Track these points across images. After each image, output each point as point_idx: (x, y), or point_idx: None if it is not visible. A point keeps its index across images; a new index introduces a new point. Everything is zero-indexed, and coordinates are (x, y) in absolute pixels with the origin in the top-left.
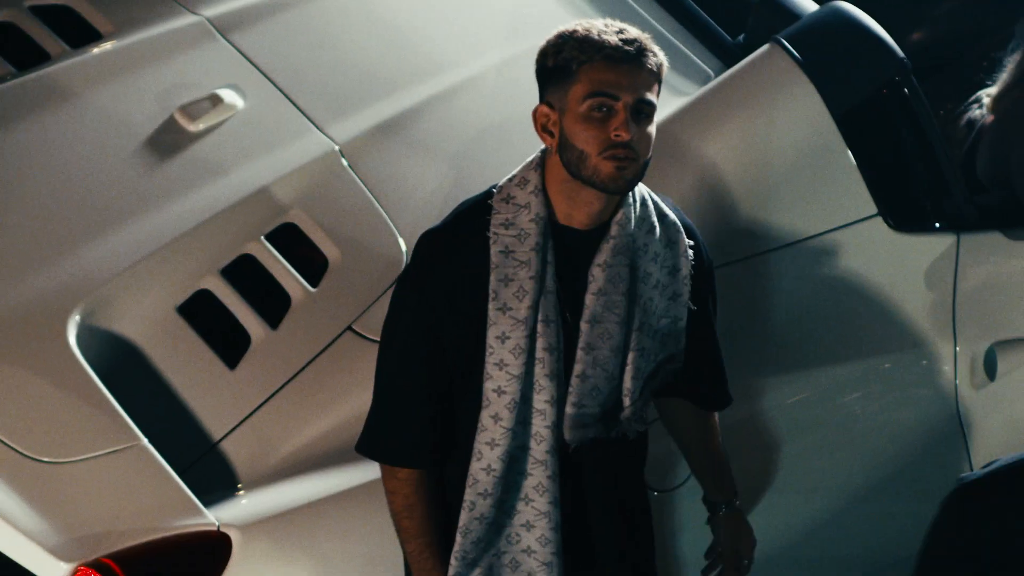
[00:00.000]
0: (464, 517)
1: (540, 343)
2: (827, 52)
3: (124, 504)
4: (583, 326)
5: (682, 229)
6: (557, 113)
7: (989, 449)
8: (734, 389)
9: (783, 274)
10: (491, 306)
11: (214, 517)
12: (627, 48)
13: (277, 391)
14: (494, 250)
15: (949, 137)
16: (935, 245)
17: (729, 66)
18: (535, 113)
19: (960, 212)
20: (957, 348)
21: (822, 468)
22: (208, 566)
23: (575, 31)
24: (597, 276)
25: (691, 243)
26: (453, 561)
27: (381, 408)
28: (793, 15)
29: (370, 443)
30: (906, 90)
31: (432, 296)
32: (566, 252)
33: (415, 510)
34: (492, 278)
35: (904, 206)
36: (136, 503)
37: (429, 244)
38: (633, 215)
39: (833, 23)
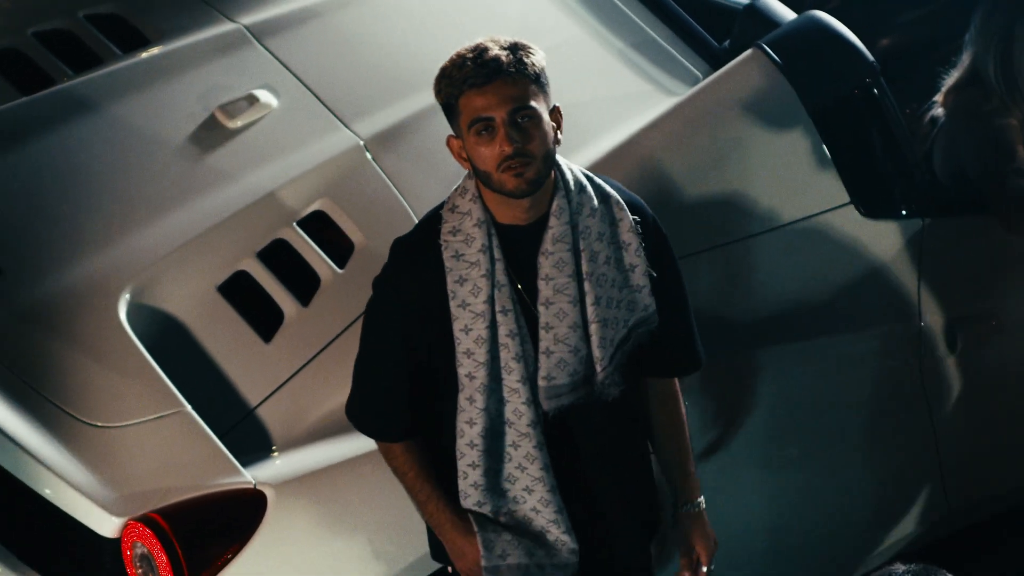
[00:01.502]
0: (461, 484)
1: (502, 331)
2: (804, 56)
3: (169, 464)
4: (540, 308)
5: (625, 206)
6: (461, 141)
7: (950, 415)
8: (717, 362)
9: (765, 256)
10: (452, 304)
11: (251, 476)
12: (484, 71)
13: (307, 363)
14: (446, 255)
15: (914, 133)
16: (902, 230)
17: (715, 69)
18: (449, 146)
19: (924, 200)
20: (922, 324)
21: (798, 433)
22: (245, 521)
23: (445, 67)
24: (543, 264)
25: (636, 218)
26: (476, 525)
27: (357, 388)
28: (773, 23)
29: (351, 414)
30: (875, 90)
31: (401, 297)
32: (514, 247)
33: (407, 476)
34: (449, 281)
35: (874, 195)
36: (180, 463)
37: (396, 251)
38: (569, 202)
39: (809, 30)
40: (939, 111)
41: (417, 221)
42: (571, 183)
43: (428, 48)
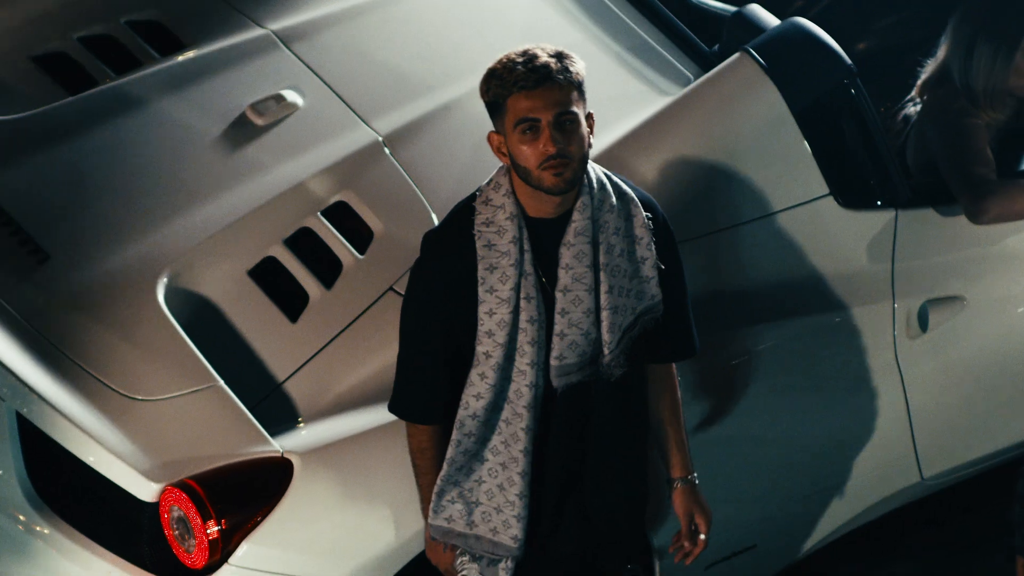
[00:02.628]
0: (451, 451)
1: (523, 316)
2: (787, 59)
3: (203, 434)
4: (558, 295)
5: (639, 203)
6: (503, 137)
7: (922, 390)
8: (709, 339)
9: (751, 244)
10: (480, 288)
11: (278, 445)
12: (535, 76)
13: (330, 341)
14: (479, 244)
15: (888, 129)
16: (877, 220)
17: (706, 71)
18: (489, 140)
19: (898, 192)
20: (895, 305)
21: (781, 409)
22: (273, 487)
23: (495, 68)
24: (564, 254)
25: (648, 215)
26: (440, 481)
27: (400, 378)
28: (759, 28)
29: (396, 406)
30: (853, 91)
31: (434, 286)
32: (540, 238)
33: (426, 453)
34: (480, 267)
35: (851, 187)
36: (213, 434)
37: (428, 244)
38: (592, 199)
39: (792, 35)
40: (911, 109)
41: (431, 210)
42: (594, 181)
43: (441, 51)
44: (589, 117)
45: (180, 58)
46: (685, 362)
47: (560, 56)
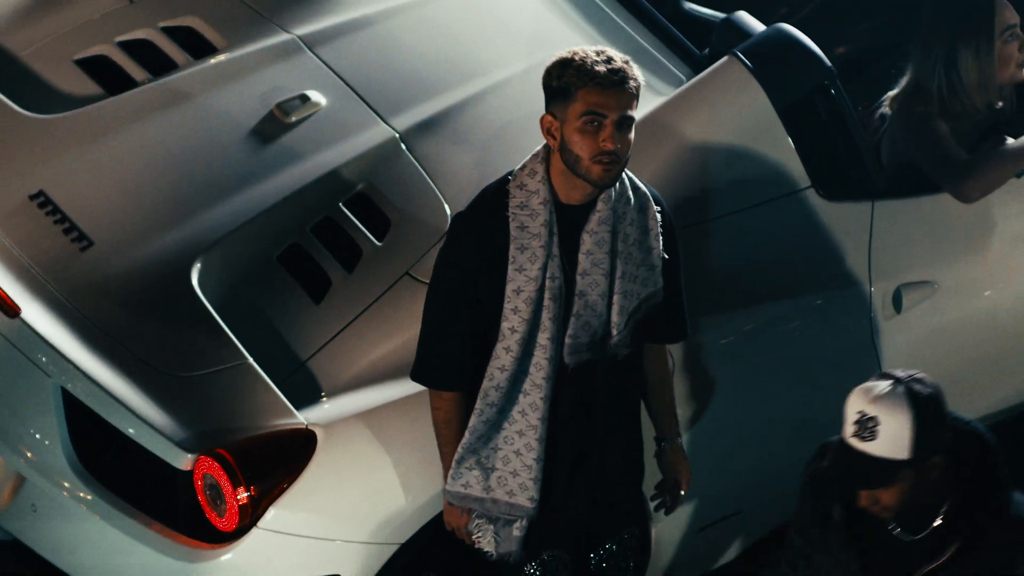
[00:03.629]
0: (474, 420)
1: (547, 294)
2: (772, 62)
3: (234, 408)
4: (577, 278)
5: (651, 198)
6: (559, 123)
7: (896, 363)
8: (700, 319)
9: (740, 232)
10: (510, 267)
11: (303, 418)
12: (613, 76)
13: (352, 321)
14: (513, 226)
15: (865, 127)
16: (855, 210)
17: (697, 72)
18: (542, 120)
19: (874, 184)
20: (872, 288)
21: (767, 384)
22: (298, 456)
23: (573, 59)
24: (586, 240)
25: (658, 208)
26: (460, 449)
27: (425, 348)
28: (746, 33)
29: (419, 373)
30: (832, 91)
31: (462, 263)
32: (566, 223)
33: (452, 423)
34: (511, 247)
35: (831, 180)
36: (243, 407)
37: (458, 224)
38: (614, 191)
39: (777, 40)
40: (886, 110)
41: (444, 201)
42: None
43: (453, 55)
44: None
45: (212, 61)
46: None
47: (629, 64)
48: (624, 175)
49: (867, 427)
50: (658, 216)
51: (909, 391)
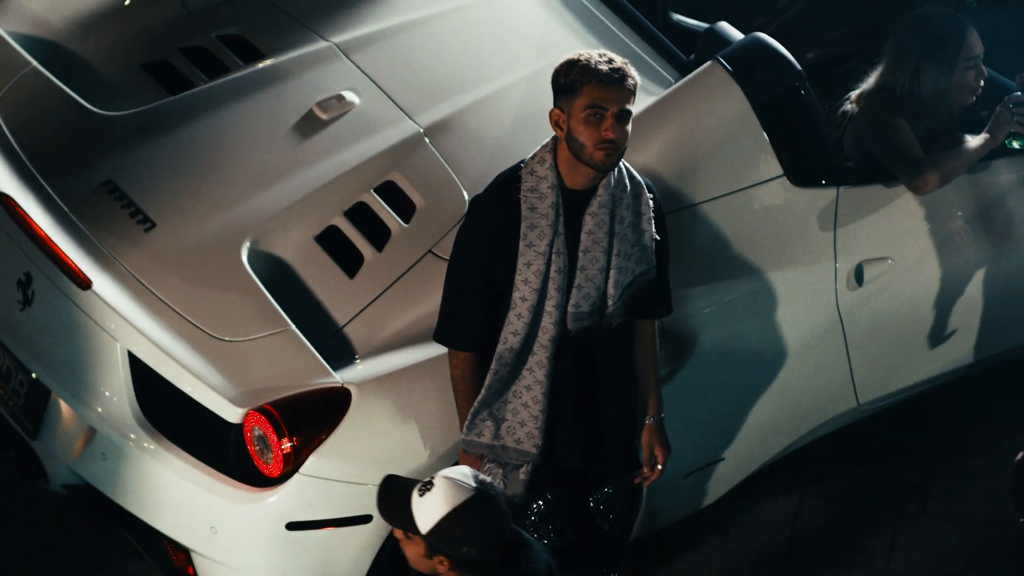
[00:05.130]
0: (489, 378)
1: (553, 267)
2: (749, 66)
3: (278, 369)
4: (579, 254)
5: (645, 186)
6: (566, 115)
7: (858, 333)
8: (688, 291)
9: (720, 215)
10: (521, 243)
11: (339, 377)
12: (614, 75)
13: (381, 294)
14: (524, 207)
15: (831, 123)
16: (822, 196)
17: (683, 75)
18: (551, 114)
19: (839, 173)
20: (837, 264)
21: (744, 348)
22: (335, 411)
23: (579, 60)
24: (588, 221)
25: (651, 196)
26: (475, 404)
27: (445, 313)
28: (727, 41)
29: (440, 335)
30: (802, 92)
31: (479, 239)
32: (570, 205)
33: (467, 379)
34: (523, 225)
35: (801, 169)
36: (286, 368)
37: (476, 205)
38: (613, 178)
39: (754, 47)
40: (849, 107)
41: (462, 188)
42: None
43: (471, 59)
44: None
45: (260, 65)
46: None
47: (628, 65)
48: (622, 165)
49: (428, 484)
50: (651, 202)
51: (478, 490)
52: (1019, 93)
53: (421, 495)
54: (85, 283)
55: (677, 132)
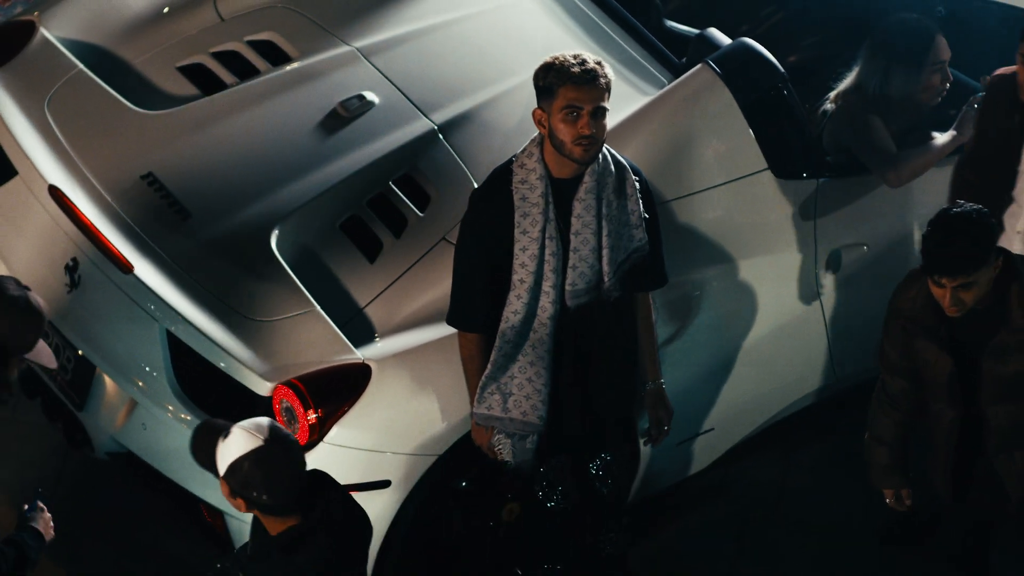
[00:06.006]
0: (494, 355)
1: (547, 251)
2: (736, 68)
3: (304, 346)
4: (571, 236)
5: (629, 170)
6: (547, 115)
7: (836, 313)
8: (677, 276)
9: (710, 205)
10: (516, 231)
11: (361, 354)
12: (586, 75)
13: (399, 277)
14: (516, 197)
15: (811, 121)
16: (803, 187)
17: (676, 77)
18: (534, 113)
19: (818, 166)
20: (817, 250)
21: (731, 327)
22: (356, 385)
23: (554, 63)
24: (576, 206)
25: (636, 178)
26: (483, 379)
27: (454, 298)
28: (716, 46)
29: (449, 317)
30: (785, 92)
31: (480, 228)
32: (559, 194)
33: (475, 359)
34: (516, 214)
35: (784, 162)
36: (312, 345)
37: (475, 198)
38: (598, 166)
39: (740, 51)
40: (828, 106)
41: (473, 180)
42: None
43: (481, 63)
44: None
45: (287, 68)
46: (660, 291)
47: (601, 64)
48: (607, 152)
49: (227, 432)
50: (636, 184)
51: (266, 440)
52: (983, 94)
53: (223, 441)
54: (127, 268)
55: (670, 128)
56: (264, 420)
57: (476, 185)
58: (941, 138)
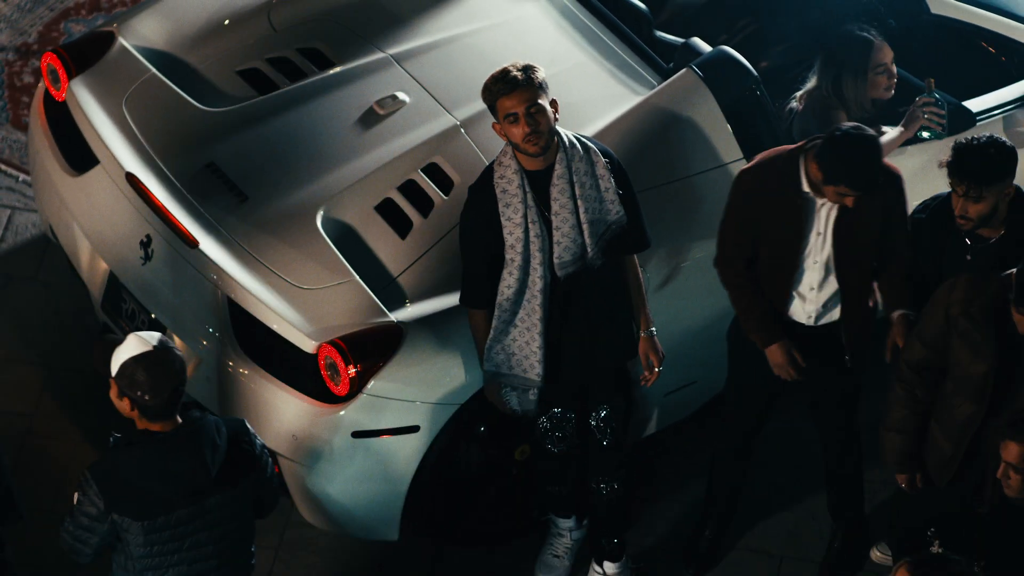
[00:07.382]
0: (495, 321)
1: (531, 232)
2: (716, 72)
3: (345, 310)
4: (552, 218)
5: (599, 153)
6: (500, 125)
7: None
8: (666, 250)
9: (693, 190)
10: (502, 219)
11: (394, 317)
12: (509, 84)
13: (427, 251)
14: (498, 191)
15: (780, 117)
16: None
17: (664, 79)
18: (494, 127)
19: None
20: None
21: (711, 294)
22: (391, 344)
23: (487, 83)
24: (552, 192)
25: (606, 160)
26: (488, 342)
27: (463, 281)
28: (699, 53)
29: (462, 298)
30: (758, 92)
31: (472, 220)
32: (536, 183)
33: (482, 330)
34: (499, 205)
35: (758, 153)
36: (351, 310)
37: (471, 191)
38: (566, 155)
39: (720, 57)
40: (794, 104)
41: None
42: (566, 142)
43: (496, 66)
44: (553, 103)
45: (331, 72)
46: (650, 264)
47: (527, 68)
48: (575, 139)
49: (122, 338)
50: (606, 165)
51: (155, 348)
52: (926, 94)
53: (119, 347)
54: (193, 243)
55: (659, 124)
56: (156, 333)
57: None
58: (891, 133)
